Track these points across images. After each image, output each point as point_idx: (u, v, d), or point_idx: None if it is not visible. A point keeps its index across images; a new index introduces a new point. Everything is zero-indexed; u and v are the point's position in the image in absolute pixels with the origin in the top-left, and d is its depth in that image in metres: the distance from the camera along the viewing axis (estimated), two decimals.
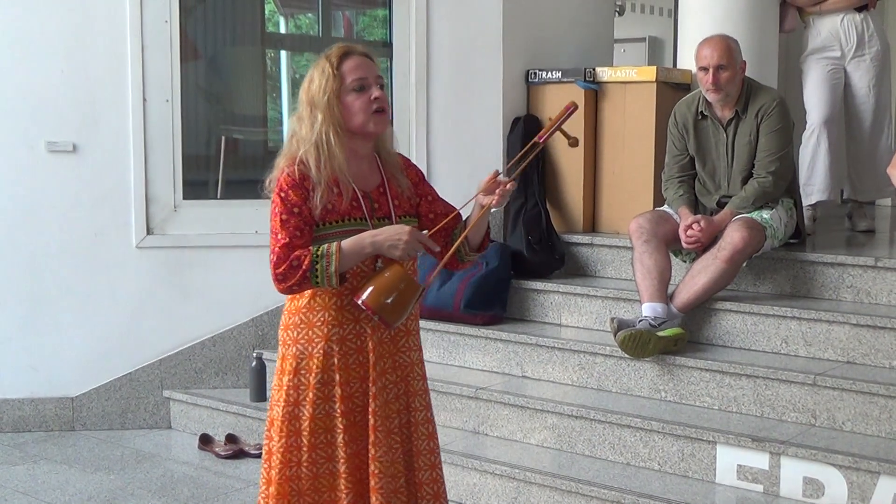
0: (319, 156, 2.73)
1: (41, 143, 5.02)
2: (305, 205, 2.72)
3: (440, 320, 4.94)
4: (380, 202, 2.83)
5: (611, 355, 4.44)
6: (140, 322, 5.16)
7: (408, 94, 5.33)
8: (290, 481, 2.82)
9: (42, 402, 5.13)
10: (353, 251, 2.69)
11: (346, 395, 2.80)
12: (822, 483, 3.69)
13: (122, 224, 5.09)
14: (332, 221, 2.75)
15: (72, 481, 4.48)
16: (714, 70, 4.49)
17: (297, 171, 2.74)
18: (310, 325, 2.79)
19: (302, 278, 2.67)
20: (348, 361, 2.80)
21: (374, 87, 2.77)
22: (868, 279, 4.40)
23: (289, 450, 2.81)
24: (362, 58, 2.80)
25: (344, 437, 2.79)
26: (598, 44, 5.95)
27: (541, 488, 3.97)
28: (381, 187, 2.85)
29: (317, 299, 2.78)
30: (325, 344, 2.78)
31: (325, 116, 2.73)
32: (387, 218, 2.81)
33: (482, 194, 2.78)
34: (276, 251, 2.70)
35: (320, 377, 2.79)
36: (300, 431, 2.80)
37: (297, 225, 2.70)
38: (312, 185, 2.73)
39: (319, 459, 2.81)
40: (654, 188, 5.16)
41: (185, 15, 5.24)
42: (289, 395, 2.81)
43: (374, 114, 2.77)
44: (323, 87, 2.74)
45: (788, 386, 4.04)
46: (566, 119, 2.85)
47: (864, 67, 5.45)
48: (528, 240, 5.12)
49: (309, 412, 2.79)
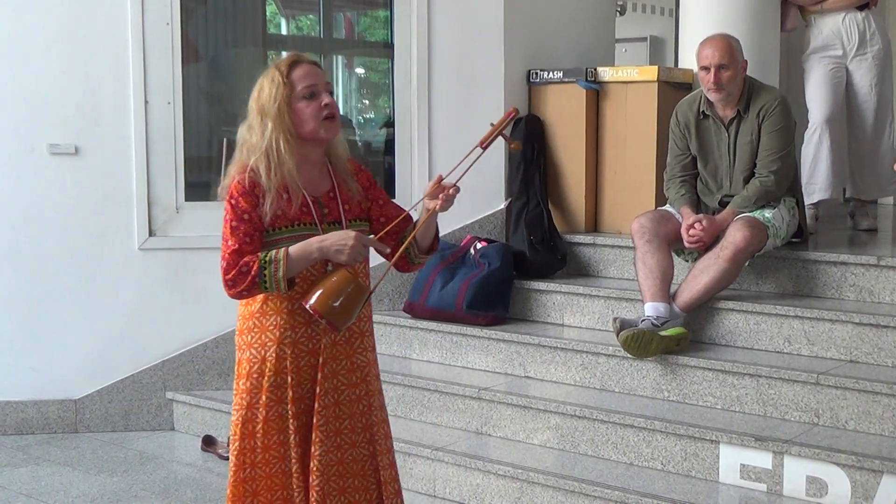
0: (269, 163, 2.78)
1: (43, 146, 5.02)
2: (255, 211, 2.77)
3: (442, 321, 4.94)
4: (330, 207, 2.88)
5: (613, 355, 4.44)
6: (143, 324, 5.17)
7: (409, 95, 5.33)
8: (244, 483, 2.89)
9: (45, 404, 5.13)
10: (300, 256, 2.74)
11: (297, 396, 2.86)
12: (826, 482, 3.69)
13: (124, 226, 5.09)
14: (282, 227, 2.80)
15: (75, 483, 4.49)
16: (715, 69, 4.49)
17: (247, 179, 2.78)
18: (263, 330, 2.85)
19: (251, 283, 2.73)
20: (300, 364, 2.86)
21: (324, 93, 2.83)
22: (871, 278, 4.40)
23: (243, 452, 2.88)
24: (311, 66, 2.86)
25: (296, 438, 2.86)
26: (599, 43, 5.95)
27: (544, 488, 3.97)
28: (331, 192, 2.90)
29: (269, 304, 2.84)
30: (278, 347, 2.84)
31: (276, 124, 2.78)
32: (337, 223, 2.87)
33: (427, 198, 2.85)
34: (225, 257, 2.76)
35: (273, 380, 2.84)
36: (255, 434, 2.87)
37: (247, 231, 2.76)
38: (262, 192, 2.78)
39: (272, 460, 2.87)
40: (656, 188, 5.16)
41: (187, 17, 5.24)
42: (243, 398, 2.88)
43: (324, 120, 2.83)
44: (273, 95, 2.79)
45: (791, 385, 4.04)
46: (507, 125, 2.91)
47: (866, 66, 5.45)
48: (531, 240, 5.12)
49: (263, 415, 2.85)
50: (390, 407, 4.72)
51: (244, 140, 2.85)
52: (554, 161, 5.44)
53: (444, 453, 4.24)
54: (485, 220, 5.38)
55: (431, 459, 4.26)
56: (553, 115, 5.44)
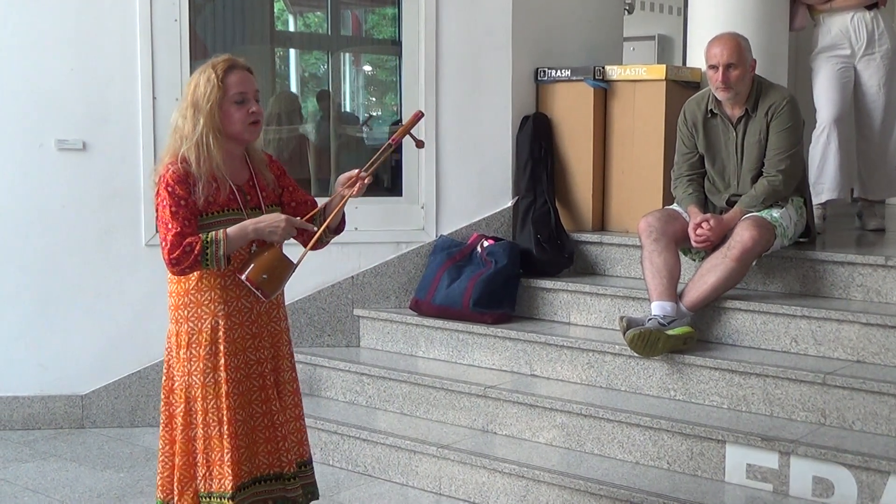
0: (199, 154, 3.10)
1: (51, 142, 5.03)
2: (191, 197, 3.09)
3: (449, 319, 4.94)
4: (251, 194, 3.24)
5: (620, 354, 4.43)
6: (149, 320, 5.16)
7: (417, 93, 5.32)
8: (191, 441, 3.22)
9: (52, 399, 5.14)
10: (237, 237, 3.09)
11: (230, 365, 3.17)
12: (832, 482, 3.69)
13: (132, 222, 5.10)
14: (214, 212, 3.14)
15: (81, 479, 4.49)
16: (724, 68, 4.48)
17: (181, 168, 3.10)
18: (198, 304, 3.18)
19: (194, 261, 3.06)
20: (234, 335, 3.19)
21: (252, 101, 3.16)
22: (878, 278, 4.39)
23: (188, 413, 3.21)
24: (244, 72, 3.17)
25: (227, 402, 3.16)
26: (607, 42, 5.94)
27: (549, 487, 3.97)
28: (250, 181, 3.25)
29: (203, 281, 3.17)
30: (213, 320, 3.17)
31: (206, 121, 3.10)
32: (257, 208, 3.22)
33: (342, 187, 3.25)
34: (168, 239, 3.08)
35: (208, 349, 3.17)
36: (195, 398, 3.19)
37: (185, 216, 3.08)
38: (194, 180, 3.10)
39: (212, 422, 3.18)
40: (664, 187, 5.16)
41: (195, 14, 5.24)
42: (183, 366, 3.20)
43: (249, 125, 3.17)
44: (207, 95, 3.10)
45: (798, 385, 4.03)
46: (413, 125, 3.38)
47: (875, 65, 5.44)
48: (538, 238, 5.12)
49: (200, 381, 3.17)
50: (396, 404, 4.75)
51: (177, 127, 3.16)
52: (561, 159, 5.43)
53: (449, 451, 4.24)
54: (492, 218, 5.38)
55: (437, 457, 4.27)
56: (561, 114, 5.43)
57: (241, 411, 3.21)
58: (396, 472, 4.39)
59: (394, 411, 4.75)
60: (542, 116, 5.43)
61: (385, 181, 5.75)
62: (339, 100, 6.36)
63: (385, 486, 4.37)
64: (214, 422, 3.18)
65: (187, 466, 3.24)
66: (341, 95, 6.39)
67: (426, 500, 4.23)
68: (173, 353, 3.24)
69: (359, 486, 4.33)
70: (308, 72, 6.68)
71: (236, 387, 3.19)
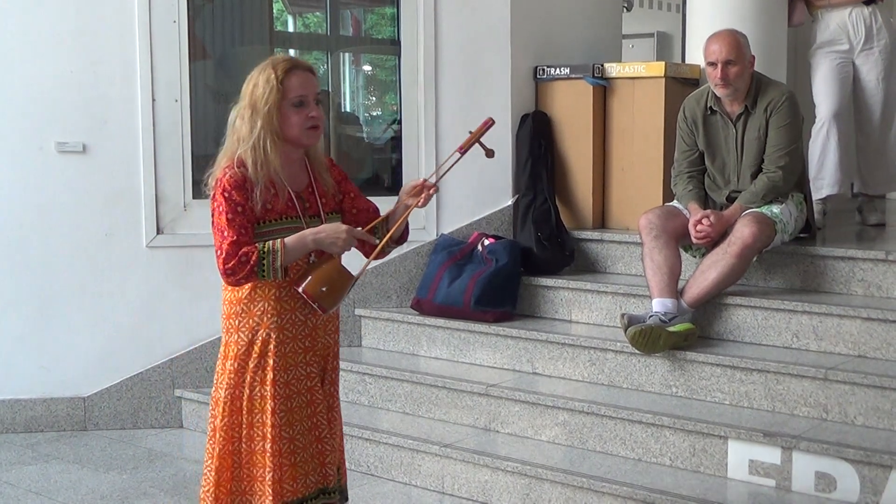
0: (256, 158, 2.97)
1: (51, 144, 5.03)
2: (248, 204, 2.96)
3: (450, 317, 4.95)
4: (310, 201, 3.10)
5: (621, 351, 4.44)
6: (151, 321, 5.17)
7: (416, 92, 5.33)
8: (231, 455, 3.10)
9: (54, 402, 5.14)
10: (295, 247, 2.96)
11: (279, 380, 3.06)
12: (835, 477, 3.69)
13: (132, 224, 5.10)
14: (272, 220, 3.00)
15: (84, 481, 4.50)
16: (723, 65, 4.48)
17: (238, 173, 2.96)
18: (250, 315, 3.05)
19: (250, 272, 2.92)
20: (284, 349, 3.06)
21: (312, 104, 3.02)
22: (879, 273, 4.40)
23: (231, 427, 3.09)
24: (306, 74, 3.03)
25: (272, 420, 3.04)
26: (606, 39, 5.94)
27: (552, 484, 3.97)
28: (309, 187, 3.11)
29: (257, 291, 3.03)
30: (264, 332, 3.04)
31: (265, 124, 2.96)
32: (317, 216, 3.08)
33: (407, 196, 3.11)
34: (224, 248, 2.93)
35: (257, 361, 3.05)
36: (241, 410, 3.07)
37: (242, 223, 2.95)
38: (251, 185, 2.96)
39: (256, 437, 3.07)
40: (664, 184, 5.16)
41: (194, 15, 5.24)
42: (230, 378, 3.08)
43: (308, 129, 3.02)
44: (266, 97, 2.96)
45: (800, 380, 4.04)
46: (484, 133, 3.20)
47: (873, 60, 5.45)
48: (538, 236, 5.12)
49: (247, 393, 3.06)
50: (398, 403, 4.75)
51: (235, 129, 3.03)
52: (561, 157, 5.43)
53: (452, 450, 4.24)
54: (492, 216, 5.38)
55: (440, 456, 4.27)
56: (560, 112, 5.44)
57: (288, 429, 3.08)
58: (399, 472, 4.40)
59: (396, 411, 4.75)
60: (541, 114, 5.43)
61: (385, 180, 5.75)
62: (339, 100, 6.36)
63: (388, 486, 4.38)
64: (259, 437, 3.07)
65: (226, 481, 3.11)
66: (341, 95, 6.39)
67: (429, 499, 4.23)
68: (221, 364, 3.12)
69: (362, 486, 4.34)
70: None
71: (284, 403, 3.07)
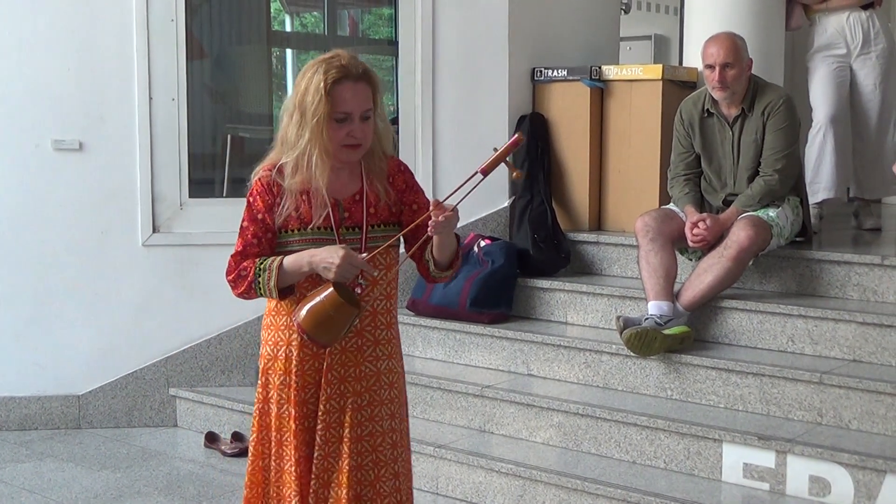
0: (298, 168, 2.71)
1: (47, 142, 5.03)
2: (269, 213, 2.73)
3: (446, 318, 4.94)
4: (351, 211, 2.79)
5: (617, 353, 4.44)
6: (146, 320, 5.17)
7: (413, 93, 5.33)
8: (262, 472, 2.91)
9: (48, 399, 5.14)
10: (292, 269, 2.69)
11: (299, 399, 2.82)
12: (829, 481, 3.69)
13: (129, 222, 5.09)
14: (293, 229, 2.74)
15: (78, 479, 4.49)
16: (720, 68, 4.49)
17: (268, 177, 2.74)
18: (276, 328, 2.84)
19: (248, 288, 2.73)
20: (304, 367, 2.82)
21: (355, 121, 2.71)
22: (874, 277, 4.40)
23: (260, 443, 2.90)
24: (358, 86, 2.72)
25: (295, 441, 2.83)
26: (603, 42, 5.95)
27: (546, 486, 3.97)
28: (357, 195, 2.80)
29: (282, 303, 2.80)
30: (287, 348, 2.82)
31: (313, 136, 2.69)
32: (357, 227, 2.78)
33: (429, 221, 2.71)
34: (229, 259, 2.76)
35: (282, 379, 2.83)
36: (269, 427, 2.88)
37: (255, 233, 2.74)
38: (281, 192, 2.73)
39: (284, 456, 2.86)
40: (660, 186, 5.16)
41: (191, 13, 5.24)
42: (259, 393, 2.89)
43: (344, 147, 2.72)
44: (314, 107, 2.67)
45: (794, 384, 4.04)
46: (510, 152, 2.81)
47: (870, 65, 5.45)
48: (534, 238, 5.12)
49: (275, 410, 2.85)
50: None
51: (284, 132, 2.75)
52: (558, 159, 5.43)
53: (446, 451, 4.24)
54: (488, 217, 5.38)
55: (434, 457, 4.26)
56: (557, 114, 5.44)
57: (309, 451, 2.84)
58: None
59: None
60: (538, 116, 5.43)
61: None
62: None
63: None
64: (287, 457, 2.84)
65: (256, 498, 2.92)
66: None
67: (423, 500, 4.23)
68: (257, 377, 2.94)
69: None
70: None
71: (303, 423, 2.82)
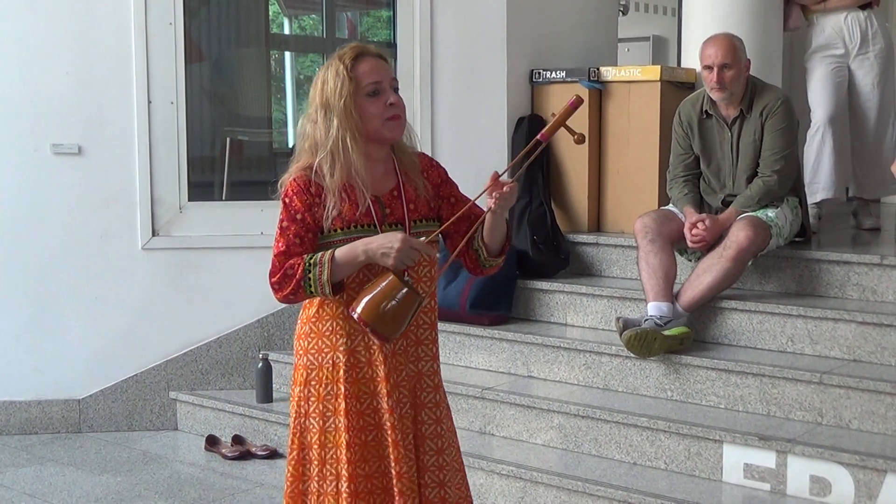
0: (335, 162, 2.61)
1: (46, 146, 5.03)
2: (309, 212, 2.62)
3: (446, 320, 4.92)
4: (392, 207, 2.69)
5: (616, 355, 4.44)
6: (146, 323, 5.17)
7: (412, 95, 5.32)
8: (301, 496, 2.75)
9: (48, 404, 5.14)
10: (345, 260, 2.57)
11: (352, 410, 2.68)
12: (829, 481, 3.69)
13: (128, 226, 5.10)
14: (337, 228, 2.63)
15: (79, 483, 4.49)
16: (718, 69, 4.49)
17: (304, 177, 2.63)
18: (319, 335, 2.70)
19: (296, 287, 2.59)
20: (356, 375, 2.69)
21: (388, 91, 2.66)
22: (874, 277, 4.40)
23: (300, 463, 2.75)
24: (377, 60, 2.67)
25: (347, 455, 2.67)
26: (602, 43, 5.95)
27: (547, 488, 3.97)
28: (395, 191, 2.71)
29: (325, 308, 2.69)
30: (333, 354, 2.69)
31: (342, 121, 2.60)
32: (400, 224, 2.68)
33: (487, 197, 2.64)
34: (272, 259, 2.62)
35: (328, 389, 2.69)
36: (311, 445, 2.72)
37: (297, 232, 2.62)
38: (321, 192, 2.63)
39: (329, 476, 2.71)
40: (659, 187, 5.16)
41: (190, 17, 5.25)
42: (299, 406, 2.74)
43: (387, 120, 2.66)
44: (339, 90, 2.60)
45: (795, 384, 4.04)
46: (571, 114, 2.65)
47: (868, 65, 5.45)
48: (534, 239, 5.12)
49: (318, 425, 2.70)
50: None
51: (307, 135, 2.67)
52: (557, 161, 5.44)
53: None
54: None
55: None
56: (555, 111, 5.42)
57: (365, 465, 2.68)
58: None
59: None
60: (537, 118, 5.43)
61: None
62: None
63: None
64: (332, 476, 2.68)
65: None
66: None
67: None
68: (291, 391, 2.77)
69: None
70: (304, 74, 6.68)
71: (359, 436, 2.67)
